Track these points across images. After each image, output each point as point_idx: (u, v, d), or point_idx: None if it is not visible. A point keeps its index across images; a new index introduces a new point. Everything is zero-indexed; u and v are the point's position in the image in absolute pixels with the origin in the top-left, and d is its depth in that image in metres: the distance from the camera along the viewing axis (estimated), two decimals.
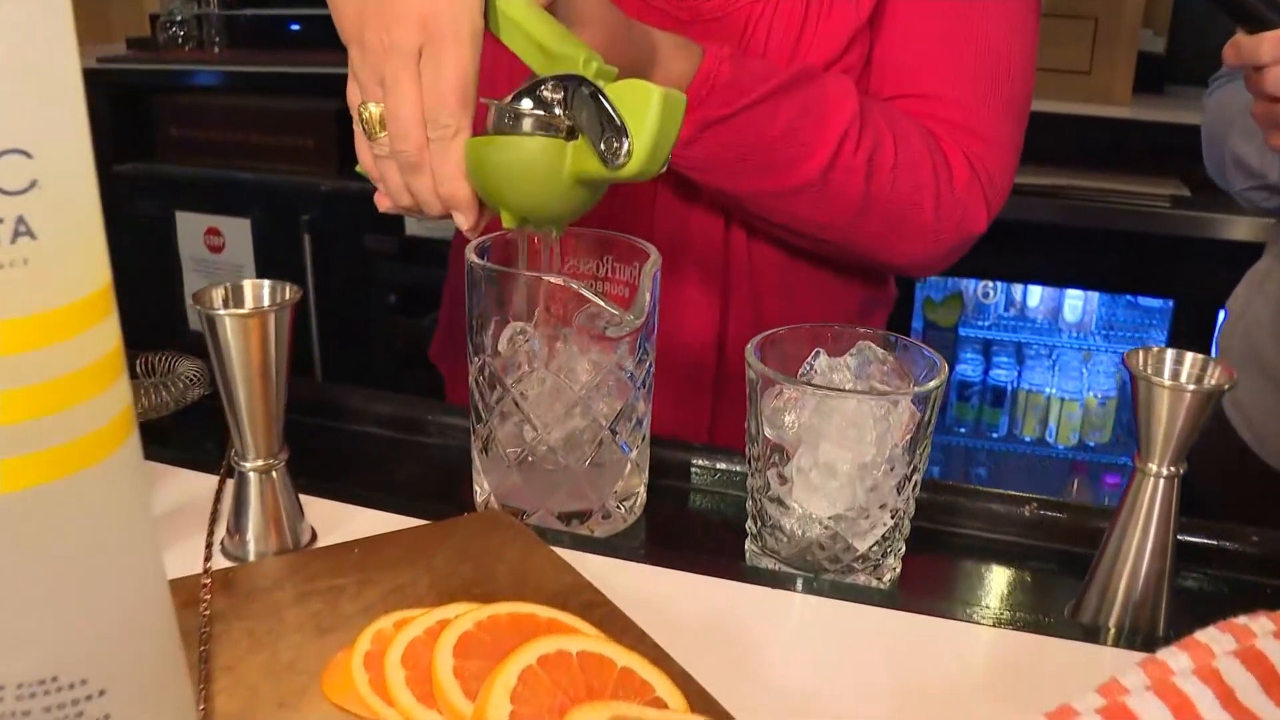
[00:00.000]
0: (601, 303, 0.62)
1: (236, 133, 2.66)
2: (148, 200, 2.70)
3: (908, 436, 0.61)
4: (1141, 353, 0.58)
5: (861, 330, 0.66)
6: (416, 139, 0.61)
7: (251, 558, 0.63)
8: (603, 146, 0.56)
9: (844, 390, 0.62)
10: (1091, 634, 0.59)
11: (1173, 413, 0.56)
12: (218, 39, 2.90)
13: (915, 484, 0.62)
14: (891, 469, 0.61)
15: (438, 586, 0.57)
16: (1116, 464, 2.48)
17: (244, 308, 0.59)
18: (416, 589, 0.57)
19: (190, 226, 2.70)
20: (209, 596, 0.56)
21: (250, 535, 0.62)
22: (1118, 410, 2.47)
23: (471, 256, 0.66)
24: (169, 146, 2.72)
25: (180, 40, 2.90)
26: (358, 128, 0.64)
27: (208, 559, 0.61)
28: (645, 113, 0.56)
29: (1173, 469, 0.57)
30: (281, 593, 0.57)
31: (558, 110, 0.58)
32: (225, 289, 0.59)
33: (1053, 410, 2.51)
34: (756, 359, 0.62)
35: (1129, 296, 2.38)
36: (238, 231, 2.67)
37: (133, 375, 0.88)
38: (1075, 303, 2.42)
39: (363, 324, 2.63)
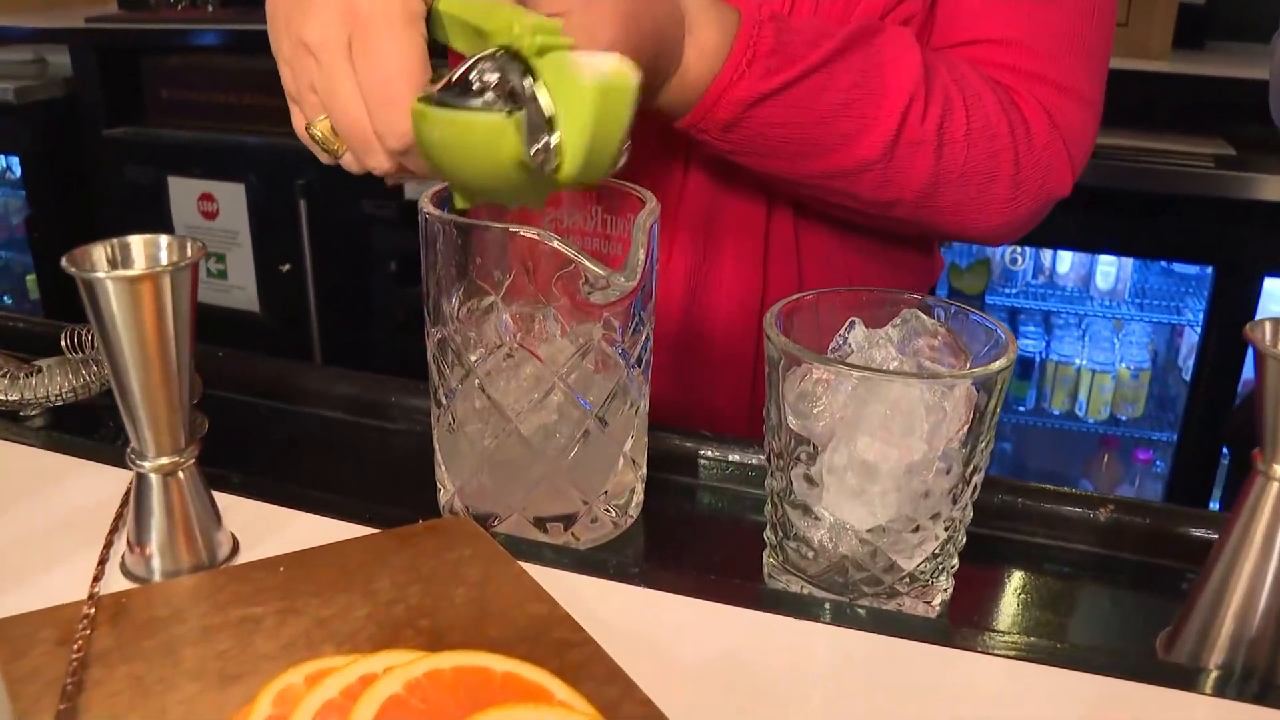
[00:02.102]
0: (586, 260, 0.50)
1: (230, 94, 2.60)
2: (139, 166, 2.63)
3: (965, 428, 0.49)
4: (1269, 324, 0.45)
5: (906, 295, 0.54)
6: (381, 150, 0.51)
7: (157, 577, 0.51)
8: (531, 151, 0.45)
9: (887, 371, 0.50)
10: (1190, 679, 0.47)
11: None
12: None
13: (975, 487, 0.50)
14: (947, 470, 0.48)
15: (377, 617, 0.46)
16: (1149, 439, 2.37)
17: (132, 269, 0.47)
18: (350, 621, 0.46)
19: (183, 192, 2.64)
20: (88, 632, 0.44)
21: (154, 549, 0.51)
22: (1150, 383, 2.35)
23: (427, 206, 0.54)
24: (161, 109, 2.65)
25: None
26: (318, 152, 0.54)
27: (96, 579, 0.49)
28: (578, 109, 0.44)
29: None
30: (183, 626, 0.46)
31: (490, 96, 0.46)
32: (110, 246, 0.47)
33: (1083, 382, 2.40)
34: (778, 331, 0.50)
35: (1164, 263, 2.25)
36: (232, 197, 2.59)
37: (57, 351, 0.76)
38: (1107, 269, 2.30)
39: (362, 292, 2.54)
